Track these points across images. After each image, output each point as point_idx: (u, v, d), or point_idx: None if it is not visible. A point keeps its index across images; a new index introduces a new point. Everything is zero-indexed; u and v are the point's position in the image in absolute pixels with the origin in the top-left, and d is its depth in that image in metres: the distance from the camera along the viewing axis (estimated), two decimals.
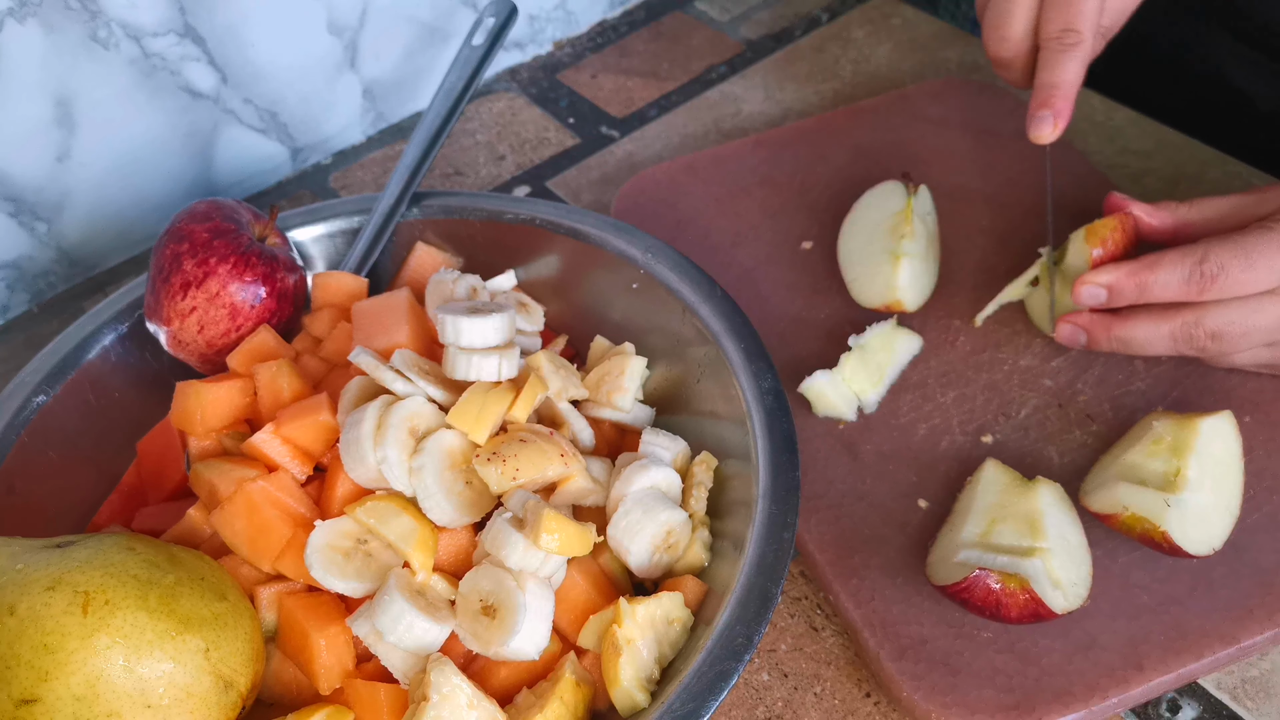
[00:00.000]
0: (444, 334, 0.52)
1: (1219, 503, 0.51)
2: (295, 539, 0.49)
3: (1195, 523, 0.50)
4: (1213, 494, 0.51)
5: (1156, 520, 0.50)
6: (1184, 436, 0.52)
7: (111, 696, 0.41)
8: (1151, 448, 0.53)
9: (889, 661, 0.51)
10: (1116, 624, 0.51)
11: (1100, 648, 0.50)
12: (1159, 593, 0.52)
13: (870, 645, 0.52)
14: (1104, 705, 0.49)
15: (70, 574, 0.43)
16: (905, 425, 0.60)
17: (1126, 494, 0.51)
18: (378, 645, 0.47)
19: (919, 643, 0.51)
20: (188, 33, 0.72)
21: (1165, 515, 0.50)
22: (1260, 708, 0.50)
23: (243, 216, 0.59)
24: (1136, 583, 0.52)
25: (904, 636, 0.51)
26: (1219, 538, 0.51)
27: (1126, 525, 0.51)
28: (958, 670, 0.50)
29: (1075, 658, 0.50)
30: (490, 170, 0.83)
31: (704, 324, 0.55)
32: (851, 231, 0.67)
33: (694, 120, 0.84)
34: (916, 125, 0.76)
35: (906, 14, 0.90)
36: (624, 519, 0.49)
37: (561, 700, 0.45)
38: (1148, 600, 0.51)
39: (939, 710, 0.49)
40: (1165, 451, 0.52)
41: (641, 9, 0.95)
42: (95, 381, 0.59)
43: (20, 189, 0.72)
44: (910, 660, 0.51)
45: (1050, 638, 0.51)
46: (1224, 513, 0.51)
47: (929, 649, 0.51)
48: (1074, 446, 0.58)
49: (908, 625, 0.52)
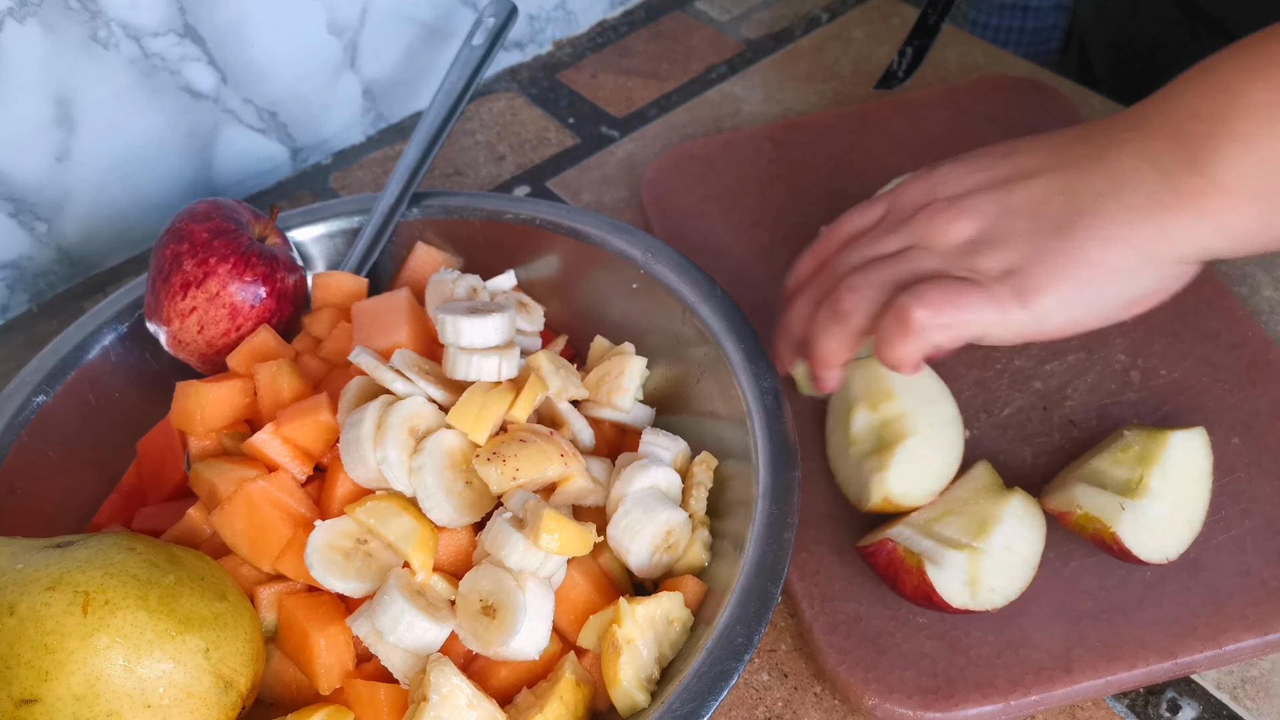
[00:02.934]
0: (444, 334, 0.52)
1: (1179, 515, 0.51)
2: (295, 539, 0.49)
3: (1150, 530, 0.50)
4: (1173, 505, 0.51)
5: (1108, 521, 0.50)
6: (1152, 448, 0.52)
7: (111, 696, 0.41)
8: (1119, 455, 0.53)
9: (820, 634, 0.52)
10: (1054, 625, 0.51)
11: (1032, 646, 0.50)
12: (1104, 600, 0.52)
13: (806, 616, 0.53)
14: (1024, 702, 0.49)
15: (70, 574, 0.43)
16: None
17: (1083, 494, 0.51)
18: (378, 645, 0.47)
19: (853, 620, 0.52)
20: (188, 33, 0.72)
21: (1118, 518, 0.50)
22: (1260, 708, 0.50)
23: (243, 216, 0.59)
24: (1084, 588, 0.52)
25: (840, 612, 0.53)
26: (1175, 548, 0.50)
27: (1079, 525, 0.51)
28: (885, 650, 0.51)
29: (1005, 653, 0.50)
30: (490, 170, 0.83)
31: (704, 324, 0.55)
32: None
33: (694, 120, 0.84)
34: (962, 120, 0.76)
35: (906, 14, 0.90)
36: (624, 519, 0.49)
37: (561, 700, 0.45)
38: (1091, 606, 0.52)
39: (859, 685, 0.50)
40: (1131, 460, 0.52)
41: (641, 9, 0.95)
42: (95, 381, 0.59)
43: (20, 189, 0.72)
44: (841, 635, 0.52)
45: (984, 630, 0.51)
46: (1183, 525, 0.51)
47: (861, 626, 0.52)
48: (1050, 449, 0.58)
49: (846, 602, 0.53)
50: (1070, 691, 0.49)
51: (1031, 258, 0.46)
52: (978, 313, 0.46)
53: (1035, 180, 0.48)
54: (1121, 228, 0.45)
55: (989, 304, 0.46)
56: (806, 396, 0.60)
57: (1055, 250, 0.46)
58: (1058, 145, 0.49)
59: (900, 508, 0.53)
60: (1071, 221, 0.46)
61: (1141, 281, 0.46)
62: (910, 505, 0.53)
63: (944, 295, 0.47)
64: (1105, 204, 0.45)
